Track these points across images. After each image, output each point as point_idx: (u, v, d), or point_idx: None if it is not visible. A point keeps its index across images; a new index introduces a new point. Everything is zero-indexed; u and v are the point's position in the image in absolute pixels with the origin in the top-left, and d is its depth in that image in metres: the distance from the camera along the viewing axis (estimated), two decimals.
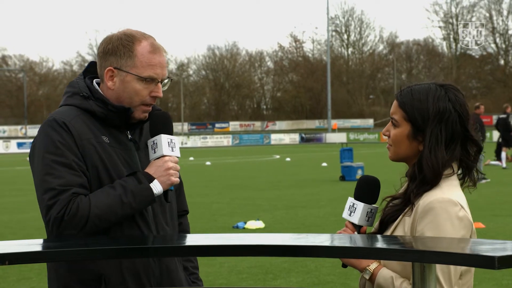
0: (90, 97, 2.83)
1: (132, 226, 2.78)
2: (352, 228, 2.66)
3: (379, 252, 2.20)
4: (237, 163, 34.88)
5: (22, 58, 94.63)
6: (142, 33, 2.87)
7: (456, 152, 2.58)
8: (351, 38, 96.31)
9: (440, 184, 2.55)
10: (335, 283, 7.65)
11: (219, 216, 13.51)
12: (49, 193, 2.66)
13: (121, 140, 2.84)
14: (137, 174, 2.76)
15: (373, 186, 2.70)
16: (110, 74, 2.83)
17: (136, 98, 2.82)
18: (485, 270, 7.59)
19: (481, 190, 17.37)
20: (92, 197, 2.68)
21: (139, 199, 2.72)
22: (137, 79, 2.80)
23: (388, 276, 2.51)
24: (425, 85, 2.63)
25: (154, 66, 2.81)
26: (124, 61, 2.80)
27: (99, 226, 2.67)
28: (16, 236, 11.18)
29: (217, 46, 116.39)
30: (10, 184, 22.25)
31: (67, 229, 2.64)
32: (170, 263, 2.91)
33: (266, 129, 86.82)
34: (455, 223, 2.47)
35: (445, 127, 2.56)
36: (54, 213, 2.64)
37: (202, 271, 2.98)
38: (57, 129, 2.73)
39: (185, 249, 2.39)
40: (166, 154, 2.80)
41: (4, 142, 58.47)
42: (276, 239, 2.56)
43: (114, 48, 2.82)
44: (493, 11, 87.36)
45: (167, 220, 2.93)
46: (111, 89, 2.84)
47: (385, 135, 2.69)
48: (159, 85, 2.84)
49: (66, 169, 2.69)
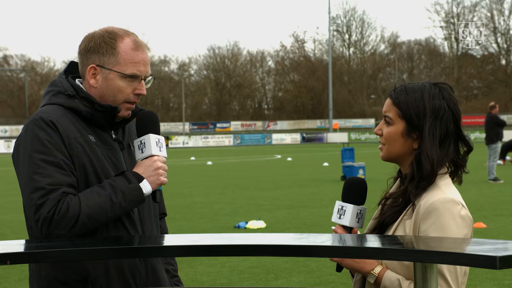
0: (75, 96, 2.79)
1: (118, 226, 2.75)
2: (343, 230, 2.65)
3: (381, 252, 2.20)
4: (238, 163, 34.88)
5: (23, 58, 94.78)
6: (124, 30, 2.84)
7: (450, 151, 2.59)
8: (352, 38, 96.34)
9: (437, 183, 2.55)
10: (337, 283, 7.64)
11: (221, 216, 13.50)
12: (38, 192, 2.61)
13: (106, 139, 2.81)
14: (126, 174, 2.73)
15: (360, 187, 2.70)
16: (92, 71, 2.79)
17: (119, 96, 2.78)
18: (486, 270, 7.59)
19: (483, 190, 17.36)
20: (81, 196, 2.64)
21: (128, 199, 2.69)
22: (120, 76, 2.77)
23: (394, 278, 2.50)
24: (419, 84, 2.63)
25: (137, 63, 2.78)
26: (106, 58, 2.77)
27: (88, 227, 2.63)
28: (17, 236, 11.18)
29: (219, 46, 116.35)
30: (12, 184, 22.24)
31: (56, 229, 2.59)
32: (155, 264, 2.88)
33: (268, 129, 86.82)
34: (458, 222, 2.48)
35: (440, 125, 2.56)
36: (44, 213, 2.58)
37: (203, 271, 3.00)
38: (45, 127, 2.68)
39: (187, 249, 2.39)
40: (155, 153, 2.77)
41: (5, 141, 58.50)
42: (278, 239, 2.56)
43: (96, 45, 2.78)
44: (494, 10, 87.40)
45: (151, 220, 2.91)
46: (93, 87, 2.80)
47: (377, 133, 2.68)
48: (143, 83, 2.81)
49: (55, 168, 2.64)
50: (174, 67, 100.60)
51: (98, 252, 2.33)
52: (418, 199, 2.54)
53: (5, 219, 13.57)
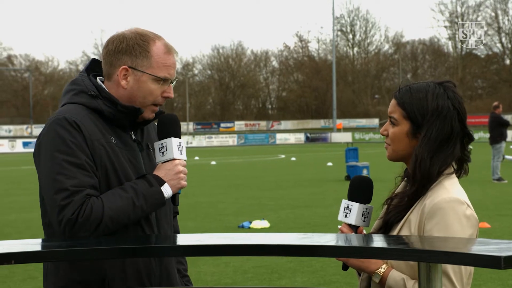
0: (98, 96, 2.79)
1: (137, 228, 2.76)
2: (349, 229, 2.65)
3: (385, 251, 2.20)
4: (242, 162, 34.88)
5: (27, 57, 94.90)
6: (154, 33, 2.85)
7: (456, 150, 2.59)
8: (356, 37, 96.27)
9: (443, 182, 2.55)
10: (341, 283, 7.64)
11: (225, 216, 13.51)
12: (62, 194, 2.61)
13: (126, 140, 2.81)
14: (147, 177, 2.74)
15: (366, 186, 2.70)
16: (124, 73, 2.79)
17: (149, 98, 2.80)
18: (491, 270, 7.58)
19: (487, 190, 17.34)
20: (104, 199, 2.64)
21: (150, 202, 2.70)
22: (153, 79, 2.78)
23: (399, 278, 2.50)
24: (423, 83, 2.64)
25: (169, 66, 2.81)
26: (140, 60, 2.77)
27: (110, 229, 2.64)
28: (22, 236, 11.20)
29: (223, 45, 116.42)
30: (16, 184, 22.29)
31: (80, 231, 2.59)
32: (168, 264, 2.89)
33: (271, 128, 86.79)
34: (463, 222, 2.48)
35: (444, 124, 2.56)
36: (68, 215, 2.59)
37: (207, 271, 3.01)
38: (68, 128, 2.67)
39: (191, 249, 2.39)
40: (176, 157, 2.78)
41: (10, 141, 58.58)
42: (282, 239, 2.56)
43: (129, 47, 2.78)
44: (498, 10, 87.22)
45: (167, 221, 2.92)
46: (123, 88, 2.80)
47: (383, 134, 2.69)
48: (171, 86, 2.84)
49: (78, 169, 2.64)
50: (178, 67, 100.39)
51: (100, 252, 2.33)
52: (423, 198, 2.54)
53: (8, 219, 13.60)
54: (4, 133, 75.84)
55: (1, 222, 13.27)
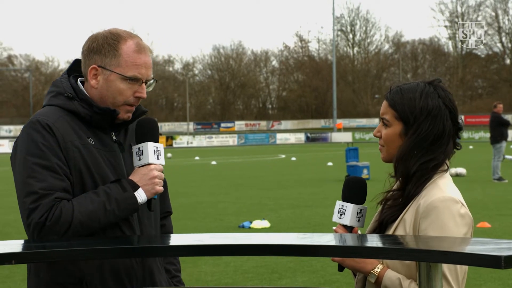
0: (74, 97, 2.76)
1: (116, 231, 2.72)
2: (344, 230, 2.65)
3: (384, 251, 2.20)
4: (242, 162, 34.88)
5: (28, 57, 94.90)
6: (128, 33, 2.82)
7: (448, 148, 2.60)
8: (356, 37, 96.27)
9: (436, 181, 2.56)
10: (341, 283, 7.64)
11: (225, 216, 13.51)
12: (31, 197, 2.59)
13: (105, 141, 2.79)
14: (122, 182, 2.70)
15: (360, 186, 2.70)
16: (93, 72, 2.77)
17: (119, 98, 2.76)
18: (491, 270, 7.58)
19: (488, 190, 17.33)
20: (75, 202, 2.62)
21: (122, 207, 2.67)
22: (121, 78, 2.75)
23: (395, 277, 2.50)
24: (413, 84, 2.64)
25: (138, 66, 2.76)
26: (108, 59, 2.75)
27: (81, 233, 2.61)
28: (22, 236, 11.17)
29: (223, 45, 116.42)
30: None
31: (48, 235, 2.57)
32: (152, 265, 2.86)
33: (272, 128, 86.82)
34: (458, 221, 2.48)
35: (435, 123, 2.56)
36: (36, 218, 2.57)
37: (207, 271, 2.99)
38: (40, 131, 2.66)
39: (191, 249, 2.39)
40: (152, 162, 2.74)
41: (10, 141, 58.59)
42: (282, 239, 2.56)
43: (99, 46, 2.76)
44: (499, 10, 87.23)
45: (151, 224, 2.88)
46: (94, 88, 2.78)
47: (376, 136, 2.70)
48: (143, 86, 2.79)
49: (49, 172, 2.62)
50: (178, 66, 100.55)
51: (103, 252, 2.33)
52: (418, 197, 2.55)
53: (9, 219, 13.60)
54: (4, 133, 75.88)
55: (2, 222, 13.27)
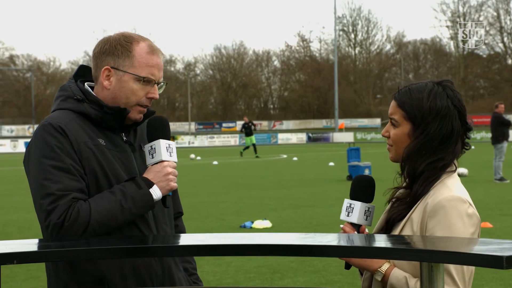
0: (84, 100, 2.81)
1: (132, 228, 2.76)
2: (351, 228, 2.66)
3: (386, 251, 2.20)
4: (244, 162, 34.88)
5: (29, 57, 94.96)
6: (140, 35, 2.87)
7: (457, 148, 2.60)
8: (358, 37, 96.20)
9: (444, 181, 2.56)
10: (343, 283, 7.64)
11: (226, 216, 13.51)
12: (48, 198, 2.62)
13: (116, 142, 2.82)
14: (136, 179, 2.74)
15: (368, 185, 2.71)
16: (106, 73, 2.81)
17: (132, 98, 2.80)
18: (492, 270, 7.58)
19: (489, 190, 17.32)
20: (92, 202, 2.65)
21: (138, 205, 2.71)
22: (134, 79, 2.79)
23: (401, 276, 2.50)
24: (422, 84, 2.64)
25: (151, 67, 2.81)
26: (122, 60, 2.79)
27: (98, 232, 2.65)
28: (24, 235, 11.21)
29: (224, 45, 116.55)
30: (18, 183, 22.29)
31: (66, 235, 2.61)
32: (170, 263, 2.90)
33: (273, 128, 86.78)
34: (465, 221, 2.48)
35: (443, 124, 2.57)
36: (54, 219, 2.60)
37: (209, 271, 3.00)
38: (53, 133, 2.69)
39: (193, 249, 2.39)
40: (165, 159, 2.79)
41: (11, 141, 58.65)
42: (283, 239, 2.56)
43: (112, 48, 2.80)
44: (501, 10, 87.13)
45: (166, 221, 2.93)
46: (107, 89, 2.82)
47: (384, 136, 2.70)
48: (155, 87, 2.84)
49: (64, 173, 2.65)
50: (180, 66, 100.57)
51: (105, 252, 2.33)
52: (426, 197, 2.55)
53: (11, 219, 13.61)
54: (6, 133, 75.91)
55: (3, 221, 13.28)
